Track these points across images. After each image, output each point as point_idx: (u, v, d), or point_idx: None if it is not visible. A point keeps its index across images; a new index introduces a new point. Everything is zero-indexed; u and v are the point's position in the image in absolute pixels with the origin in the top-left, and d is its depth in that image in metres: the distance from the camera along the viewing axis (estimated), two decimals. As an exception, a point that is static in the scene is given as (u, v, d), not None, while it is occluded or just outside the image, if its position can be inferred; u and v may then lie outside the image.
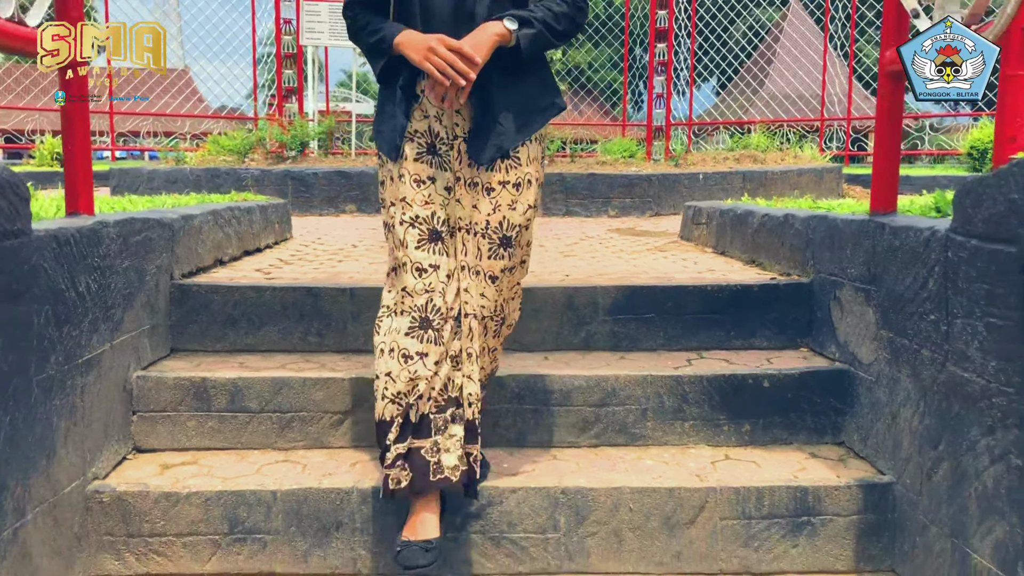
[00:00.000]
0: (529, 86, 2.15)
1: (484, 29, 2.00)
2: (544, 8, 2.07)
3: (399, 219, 2.12)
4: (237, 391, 2.64)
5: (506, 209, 2.12)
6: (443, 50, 1.95)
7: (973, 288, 1.98)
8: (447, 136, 2.13)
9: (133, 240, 2.61)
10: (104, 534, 2.33)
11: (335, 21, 10.87)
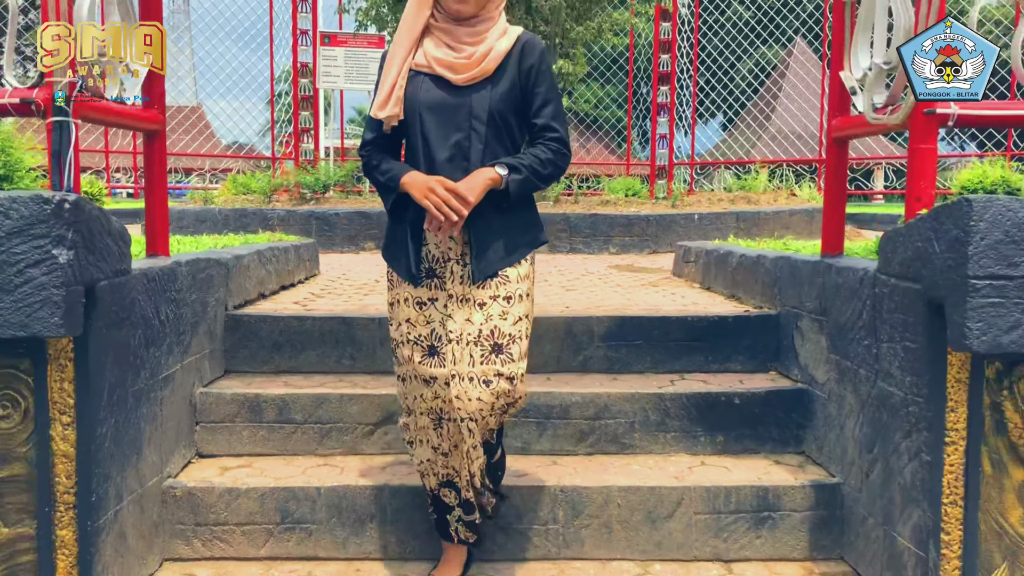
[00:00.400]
0: (515, 222, 2.39)
1: (479, 173, 2.27)
2: (531, 155, 2.35)
3: (404, 338, 2.40)
4: (284, 405, 3.10)
5: (497, 319, 2.34)
6: (441, 190, 2.21)
7: (893, 318, 2.44)
8: (442, 259, 2.37)
9: (199, 277, 3.09)
10: (176, 523, 2.78)
11: (351, 65, 11.45)
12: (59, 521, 2.24)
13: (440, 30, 2.35)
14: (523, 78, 2.35)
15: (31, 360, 2.21)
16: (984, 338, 2.08)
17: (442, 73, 2.31)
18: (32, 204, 2.02)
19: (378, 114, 2.34)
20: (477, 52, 2.30)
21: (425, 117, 2.32)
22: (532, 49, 2.37)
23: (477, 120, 2.30)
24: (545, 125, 2.39)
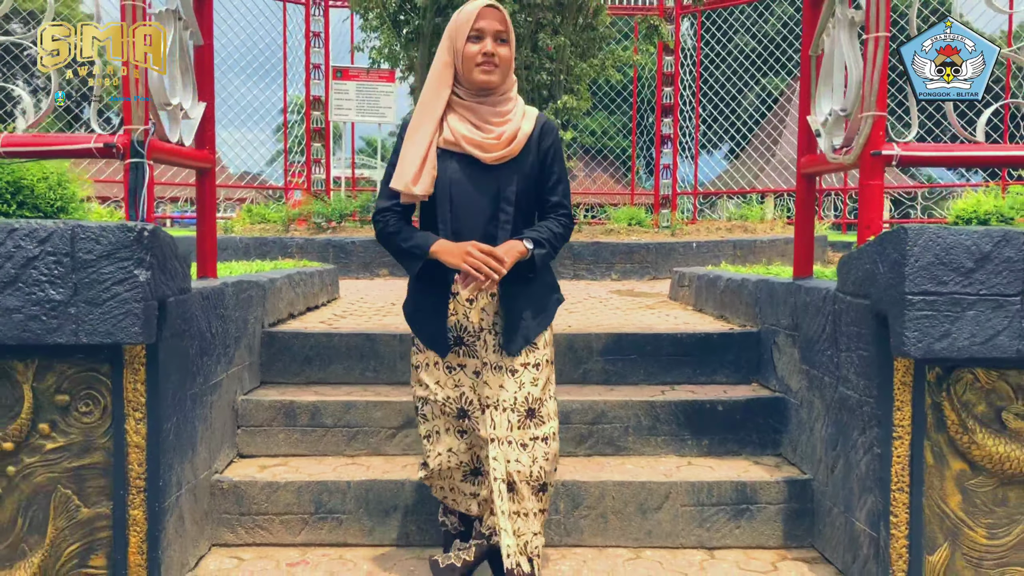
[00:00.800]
0: (539, 289, 2.55)
1: (512, 245, 2.41)
2: (548, 230, 2.51)
3: (433, 397, 2.55)
4: (315, 411, 3.48)
5: (529, 386, 2.48)
6: (478, 252, 2.34)
7: (849, 330, 2.82)
8: (473, 330, 2.51)
9: (241, 297, 3.49)
10: (223, 513, 3.15)
11: (362, 99, 11.92)
12: (132, 502, 2.62)
13: (464, 107, 2.47)
14: (542, 158, 2.51)
15: (110, 365, 2.60)
16: (919, 345, 2.46)
17: (471, 152, 2.43)
18: (118, 232, 2.42)
19: (413, 190, 2.41)
20: (506, 132, 2.43)
21: (454, 193, 2.43)
22: (550, 132, 2.54)
23: (504, 199, 2.44)
24: (558, 203, 2.56)
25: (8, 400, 2.59)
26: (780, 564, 3.04)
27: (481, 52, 2.38)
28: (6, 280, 2.41)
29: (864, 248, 2.71)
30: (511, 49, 2.45)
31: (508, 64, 2.44)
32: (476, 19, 2.40)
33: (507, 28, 2.44)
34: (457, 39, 2.43)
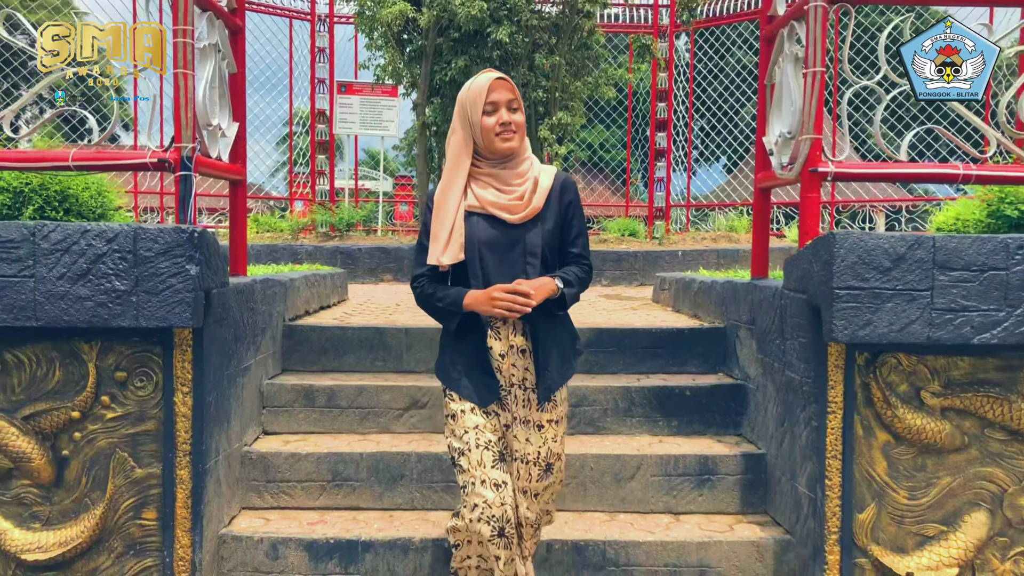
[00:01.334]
0: (564, 334, 2.72)
1: (544, 282, 2.55)
2: (573, 273, 2.65)
3: (475, 443, 2.59)
4: (332, 394, 3.94)
5: (550, 442, 2.66)
6: (502, 294, 2.48)
7: (792, 321, 3.29)
8: (505, 384, 2.63)
9: (267, 293, 3.96)
10: (251, 480, 3.61)
11: (365, 112, 12.37)
12: (179, 464, 3.08)
13: (485, 175, 2.63)
14: (563, 212, 2.65)
15: (162, 346, 3.07)
16: (846, 332, 2.93)
17: (497, 214, 2.58)
18: (174, 233, 2.89)
19: (443, 260, 2.57)
20: (527, 190, 2.59)
21: (484, 254, 2.57)
22: (569, 187, 2.69)
23: (531, 255, 2.57)
24: (579, 254, 2.70)
25: (76, 376, 3.06)
26: (736, 526, 3.50)
27: (499, 123, 2.54)
28: (79, 273, 2.88)
29: (803, 251, 3.19)
30: (522, 114, 2.61)
31: (523, 129, 2.60)
32: (488, 93, 2.55)
33: (517, 96, 2.60)
34: (472, 113, 2.57)
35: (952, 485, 3.14)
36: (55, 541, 3.07)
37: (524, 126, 2.61)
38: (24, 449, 3.03)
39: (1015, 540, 3.15)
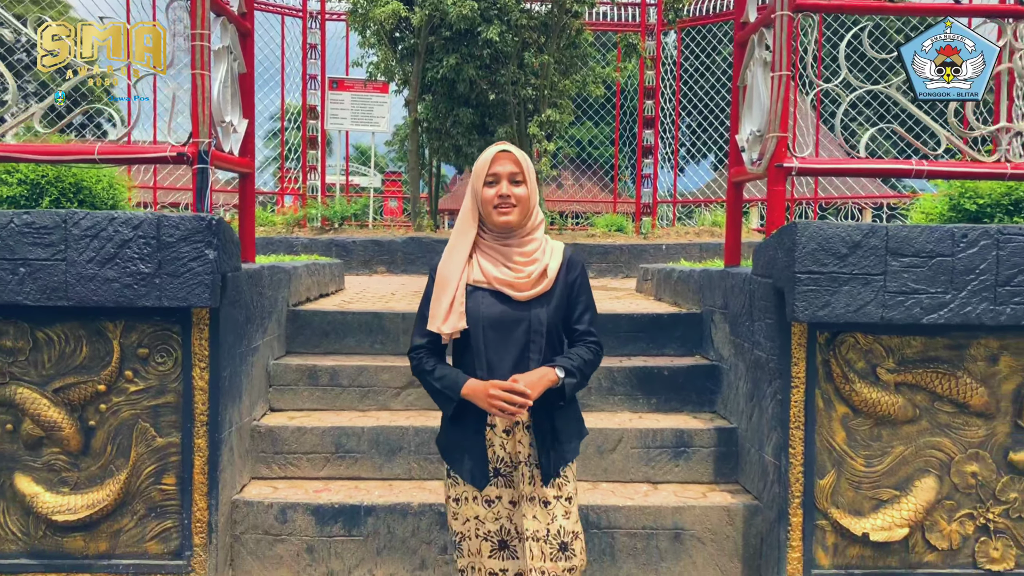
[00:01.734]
0: (569, 417, 2.59)
1: (541, 374, 2.42)
2: (580, 358, 2.53)
3: (474, 533, 2.55)
4: (334, 373, 4.22)
5: (561, 519, 2.52)
6: (500, 392, 2.36)
7: (760, 304, 3.59)
8: (511, 461, 2.53)
9: (274, 279, 4.23)
10: (260, 452, 3.88)
11: (356, 108, 12.60)
12: (197, 433, 3.35)
13: (491, 248, 2.54)
14: (568, 290, 2.56)
15: (180, 325, 3.34)
16: (806, 312, 3.23)
17: (503, 290, 2.48)
18: (194, 221, 3.16)
19: (443, 329, 2.48)
20: (536, 271, 2.49)
21: (487, 330, 2.48)
22: (576, 265, 2.61)
23: (536, 333, 2.47)
24: (586, 331, 2.61)
25: (101, 352, 3.33)
26: (709, 493, 3.79)
27: (497, 194, 2.48)
28: (107, 256, 3.15)
29: (769, 240, 3.48)
30: (529, 188, 2.51)
31: (525, 204, 2.51)
32: (491, 164, 2.50)
33: (522, 170, 2.51)
34: (476, 184, 2.53)
35: (904, 453, 3.44)
36: (83, 504, 3.33)
37: (527, 201, 2.52)
38: (55, 419, 3.29)
39: (961, 503, 3.46)
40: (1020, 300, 3.25)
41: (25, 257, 3.13)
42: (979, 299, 3.25)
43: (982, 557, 3.48)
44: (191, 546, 3.36)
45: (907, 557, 3.46)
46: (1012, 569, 3.47)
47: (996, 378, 3.44)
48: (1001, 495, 3.46)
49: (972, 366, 3.43)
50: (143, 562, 3.37)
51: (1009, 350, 3.43)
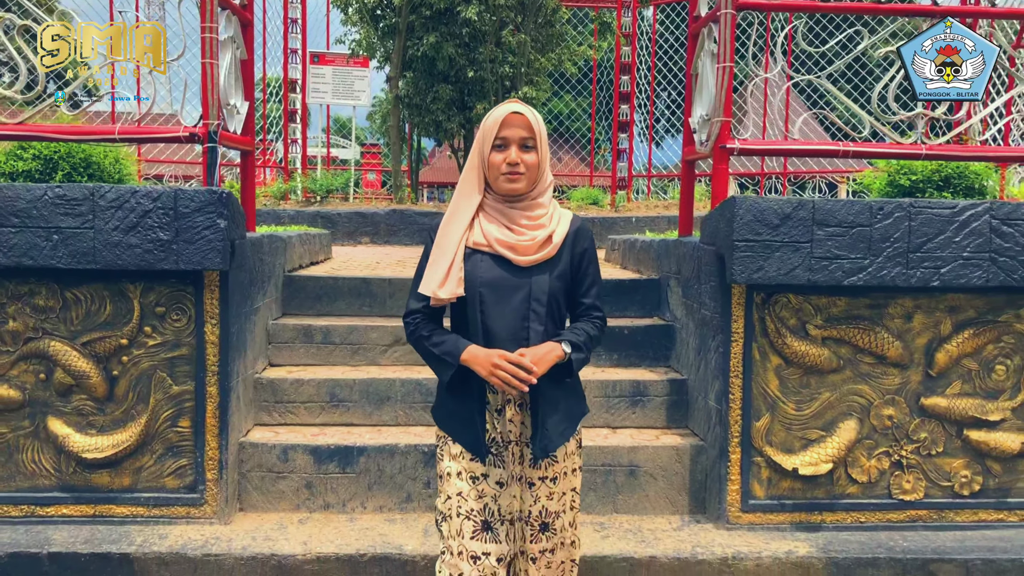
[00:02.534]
0: (568, 396, 2.49)
1: (547, 349, 2.33)
2: (585, 332, 2.45)
3: (455, 511, 2.44)
4: (327, 332, 4.67)
5: (544, 499, 2.44)
6: (507, 364, 2.25)
7: (707, 268, 4.07)
8: (502, 440, 2.43)
9: (272, 246, 4.66)
10: (262, 401, 4.34)
11: (337, 83, 12.92)
12: (208, 382, 3.80)
13: (495, 210, 2.42)
14: (575, 260, 2.46)
15: (194, 286, 3.77)
16: (743, 275, 3.71)
17: (504, 253, 2.36)
18: (206, 194, 3.59)
19: (439, 293, 2.36)
20: (539, 236, 2.37)
21: (485, 295, 2.36)
22: (584, 235, 2.51)
23: (537, 301, 2.35)
24: (592, 304, 2.53)
25: (123, 310, 3.76)
26: (661, 436, 4.29)
27: (505, 161, 2.35)
28: (130, 225, 3.57)
29: (713, 212, 3.96)
30: (540, 154, 2.39)
31: (535, 171, 2.39)
32: (500, 127, 2.37)
33: (534, 133, 2.38)
34: (484, 146, 2.40)
35: (830, 399, 3.95)
36: (108, 444, 3.78)
37: (537, 167, 2.40)
38: (84, 369, 3.73)
39: (878, 442, 3.97)
40: (928, 265, 3.75)
41: (58, 225, 3.55)
42: (893, 264, 3.74)
43: (896, 489, 4.00)
44: (204, 481, 3.82)
45: (831, 489, 3.98)
46: (921, 499, 4.00)
47: (910, 333, 3.94)
48: (913, 435, 3.98)
49: (890, 323, 3.93)
50: (162, 495, 3.83)
51: (922, 309, 3.93)
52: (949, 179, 5.29)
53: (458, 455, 2.47)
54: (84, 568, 3.52)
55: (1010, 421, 3.99)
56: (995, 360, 3.97)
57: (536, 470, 2.45)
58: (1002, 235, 3.74)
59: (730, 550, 3.67)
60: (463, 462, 2.46)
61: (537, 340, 2.36)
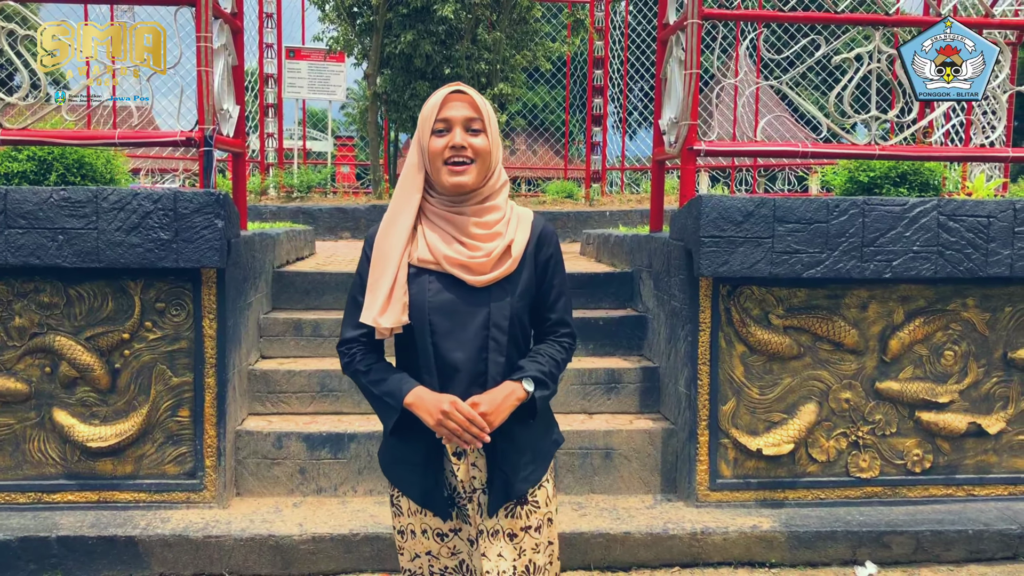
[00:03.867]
0: (535, 430, 2.13)
1: (505, 393, 1.98)
2: (550, 360, 2.09)
3: (428, 570, 2.15)
4: (316, 325, 4.88)
5: (531, 553, 2.10)
6: (457, 415, 1.91)
7: (676, 263, 4.33)
8: (464, 490, 2.08)
9: (263, 243, 4.87)
10: (255, 392, 4.55)
11: (313, 77, 13.06)
12: (207, 373, 4.01)
13: (440, 218, 2.05)
14: (539, 270, 2.10)
15: (192, 283, 3.98)
16: (709, 269, 3.97)
17: (455, 272, 2.00)
18: (205, 195, 3.80)
19: (380, 323, 2.00)
20: (496, 249, 2.01)
21: (436, 323, 2.00)
22: (548, 239, 2.14)
23: (497, 328, 2.01)
24: (559, 320, 2.17)
25: (125, 306, 3.96)
26: (635, 421, 4.55)
27: (448, 145, 1.98)
28: (132, 226, 3.77)
29: (681, 209, 4.22)
30: (490, 140, 2.02)
31: (486, 159, 2.01)
32: (441, 108, 2.00)
33: (481, 115, 2.01)
34: (423, 134, 2.04)
35: (791, 384, 4.23)
36: (111, 433, 3.98)
37: (488, 155, 2.02)
38: (88, 362, 3.93)
39: (836, 424, 4.26)
40: (881, 258, 4.03)
41: (63, 226, 3.74)
42: (848, 257, 4.02)
43: (853, 467, 4.29)
44: (203, 468, 4.04)
45: (793, 468, 4.26)
46: (876, 476, 4.29)
47: (866, 322, 4.23)
48: (869, 417, 4.27)
49: (847, 312, 4.21)
50: (163, 481, 4.04)
51: (876, 299, 4.22)
52: (905, 175, 5.59)
53: (417, 511, 2.12)
54: (91, 551, 3.73)
55: (958, 403, 4.29)
56: (944, 346, 4.27)
57: (517, 520, 2.10)
58: (948, 230, 4.03)
59: (699, 526, 3.94)
60: (427, 519, 2.12)
61: (497, 373, 2.01)
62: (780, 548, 3.93)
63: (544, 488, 2.17)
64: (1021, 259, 4.06)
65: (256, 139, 13.23)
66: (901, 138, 4.45)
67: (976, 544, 3.99)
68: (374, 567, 3.82)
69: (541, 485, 2.15)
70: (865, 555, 3.96)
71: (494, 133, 2.03)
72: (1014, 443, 4.33)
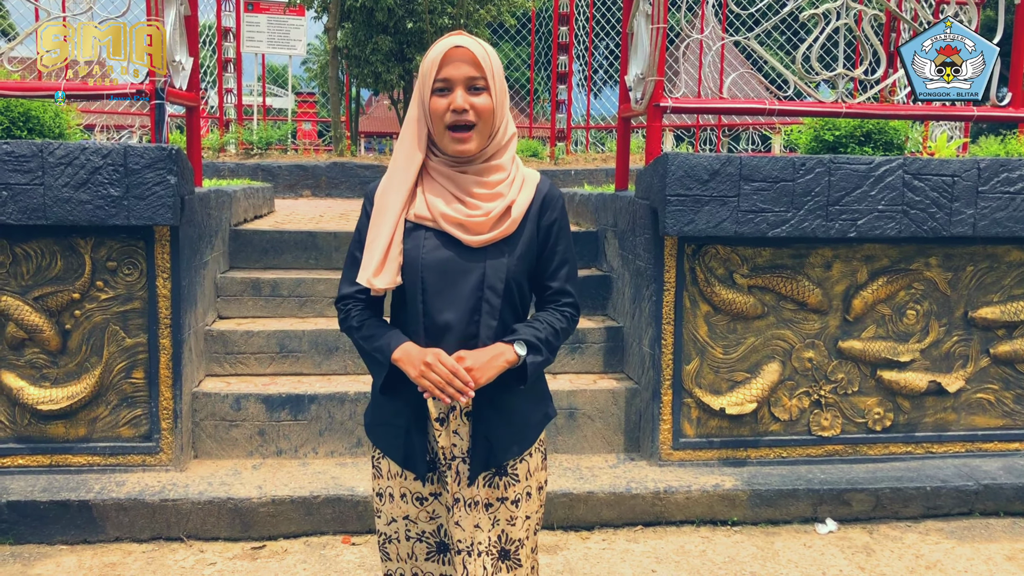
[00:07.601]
0: (525, 401, 2.06)
1: (494, 353, 1.91)
2: (548, 327, 2.02)
3: (404, 535, 2.12)
4: (275, 285, 4.78)
5: (505, 524, 2.07)
6: (440, 367, 1.85)
7: (641, 221, 4.28)
8: (445, 457, 2.03)
9: (218, 201, 4.74)
10: (213, 353, 4.45)
11: (273, 31, 12.75)
12: (161, 334, 3.91)
13: (441, 175, 1.99)
14: (542, 235, 2.02)
15: (144, 241, 3.86)
16: (675, 228, 3.93)
17: (451, 231, 1.95)
18: (156, 151, 3.66)
19: (375, 283, 1.95)
20: (495, 210, 1.93)
21: (428, 281, 1.95)
22: (553, 203, 2.05)
23: (491, 290, 1.94)
24: (561, 289, 2.08)
25: (75, 265, 3.83)
26: (599, 381, 4.53)
27: (449, 108, 1.90)
28: (80, 182, 3.63)
29: (647, 167, 4.16)
30: (494, 97, 1.93)
31: (489, 120, 1.93)
32: (440, 66, 1.91)
33: (483, 71, 1.91)
34: (423, 91, 1.95)
35: (755, 343, 4.22)
36: (63, 395, 3.87)
37: (492, 114, 1.93)
38: (36, 323, 3.80)
39: (799, 383, 4.27)
40: (846, 217, 4.01)
41: (7, 182, 3.59)
42: (814, 216, 4.00)
43: (815, 426, 4.31)
44: (159, 430, 3.95)
45: (756, 427, 4.27)
46: (838, 434, 4.32)
47: (830, 281, 4.23)
48: (831, 376, 4.29)
49: (811, 271, 4.20)
50: (117, 444, 3.95)
51: (840, 258, 4.21)
52: (870, 134, 5.56)
53: (397, 474, 2.10)
54: (43, 515, 3.64)
55: (919, 362, 4.32)
56: (906, 305, 4.28)
57: (494, 490, 2.05)
58: (913, 189, 4.02)
59: (662, 484, 3.95)
60: (406, 483, 2.09)
61: (488, 337, 1.94)
62: (742, 506, 3.95)
63: (526, 462, 2.09)
64: (984, 219, 4.07)
65: (215, 95, 12.93)
66: (866, 96, 4.42)
67: (934, 500, 4.04)
68: (335, 529, 3.78)
69: (523, 459, 2.08)
70: (826, 512, 3.99)
71: (499, 88, 1.94)
72: (972, 401, 4.38)
